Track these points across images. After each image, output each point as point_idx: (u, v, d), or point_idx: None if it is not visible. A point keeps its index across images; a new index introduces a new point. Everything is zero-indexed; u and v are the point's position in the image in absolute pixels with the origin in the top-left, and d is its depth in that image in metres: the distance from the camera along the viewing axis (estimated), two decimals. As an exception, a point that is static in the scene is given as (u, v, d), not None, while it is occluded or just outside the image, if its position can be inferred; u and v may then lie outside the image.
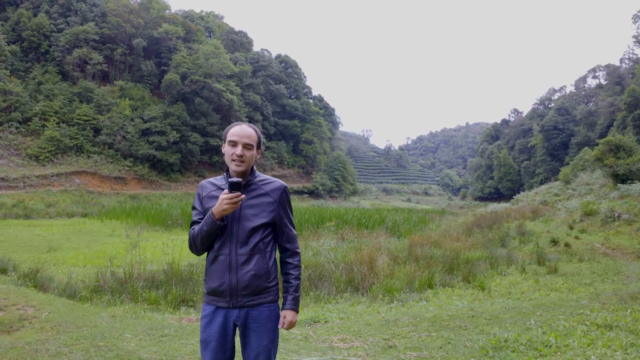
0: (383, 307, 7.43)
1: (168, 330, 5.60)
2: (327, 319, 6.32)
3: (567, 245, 14.38)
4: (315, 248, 11.96)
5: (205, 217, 2.52)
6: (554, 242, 15.07)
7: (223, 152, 2.65)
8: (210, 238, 2.54)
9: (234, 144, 2.58)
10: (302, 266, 9.57)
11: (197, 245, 2.59)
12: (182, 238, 15.99)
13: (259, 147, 2.68)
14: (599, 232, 16.36)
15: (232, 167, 2.58)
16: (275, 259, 2.67)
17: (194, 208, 2.72)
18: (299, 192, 74.24)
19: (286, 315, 2.65)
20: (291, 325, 2.65)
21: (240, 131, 2.60)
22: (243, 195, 2.45)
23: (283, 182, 2.71)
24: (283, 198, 2.68)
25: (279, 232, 2.69)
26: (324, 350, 4.98)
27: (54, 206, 34.02)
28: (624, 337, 5.01)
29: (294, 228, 2.78)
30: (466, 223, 22.91)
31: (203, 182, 2.75)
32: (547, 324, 5.67)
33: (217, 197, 2.56)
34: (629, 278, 10.11)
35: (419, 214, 32.84)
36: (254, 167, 2.71)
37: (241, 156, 2.56)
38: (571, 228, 17.84)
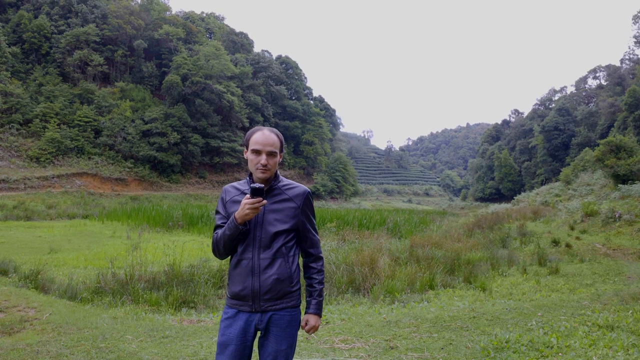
0: (384, 308, 7.42)
1: (169, 332, 5.60)
2: (329, 320, 6.32)
3: (568, 245, 14.37)
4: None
5: (228, 221, 2.52)
6: (555, 242, 15.05)
7: (245, 157, 2.64)
8: (232, 242, 2.54)
9: (257, 152, 2.57)
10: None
11: (220, 249, 2.59)
12: (183, 239, 15.98)
13: (282, 150, 2.66)
14: (600, 232, 16.35)
15: (257, 174, 2.57)
16: (298, 263, 2.66)
17: (217, 212, 2.71)
18: (300, 193, 74.11)
19: (309, 319, 2.67)
20: (314, 329, 2.67)
21: (264, 139, 2.57)
22: (265, 201, 2.44)
23: (307, 188, 2.71)
24: (306, 204, 2.67)
25: (302, 237, 2.69)
26: (326, 351, 4.98)
27: (55, 208, 34.04)
28: (626, 337, 5.01)
29: (317, 233, 2.77)
30: (467, 224, 22.88)
31: (226, 186, 2.75)
32: (549, 325, 5.67)
33: (239, 202, 2.56)
34: (630, 278, 10.10)
35: (420, 215, 32.81)
36: (277, 171, 2.69)
37: (265, 165, 2.55)
38: (572, 229, 17.83)
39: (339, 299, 8.41)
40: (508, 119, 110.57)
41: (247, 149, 2.63)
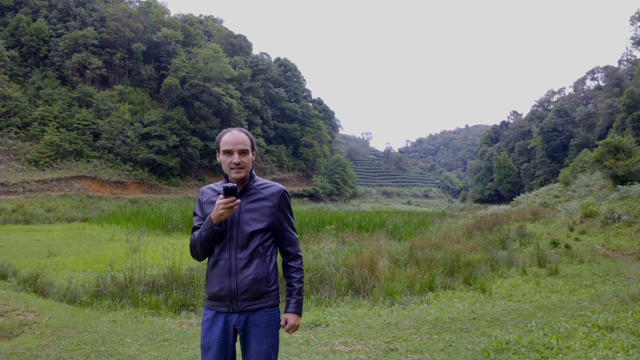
0: (384, 310, 7.42)
1: (169, 335, 5.60)
2: (329, 323, 6.32)
3: (567, 246, 14.38)
4: (316, 251, 11.95)
5: (204, 222, 2.53)
6: (555, 243, 15.06)
7: (219, 160, 2.66)
8: (209, 243, 2.55)
9: (229, 152, 2.58)
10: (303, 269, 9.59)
11: (197, 250, 2.59)
12: (182, 242, 15.97)
13: (253, 149, 2.68)
14: (599, 233, 16.36)
15: (232, 174, 2.59)
16: (275, 263, 2.66)
17: (195, 214, 2.72)
18: (299, 196, 74.22)
19: (288, 318, 2.65)
20: (294, 328, 2.65)
21: (233, 138, 2.60)
22: (238, 200, 2.46)
23: (282, 186, 2.71)
24: (282, 202, 2.67)
25: (279, 236, 2.68)
26: (326, 353, 4.97)
27: (54, 211, 34.01)
28: (626, 338, 5.00)
29: (295, 232, 2.77)
30: (466, 225, 22.90)
31: (203, 188, 2.77)
32: (549, 326, 5.66)
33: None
34: (629, 279, 10.11)
35: (419, 217, 32.80)
36: (253, 171, 2.71)
37: (239, 163, 2.57)
38: (571, 230, 17.84)
39: (339, 301, 8.40)
40: (507, 120, 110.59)
41: (218, 152, 2.65)
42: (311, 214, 28.68)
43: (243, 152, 2.59)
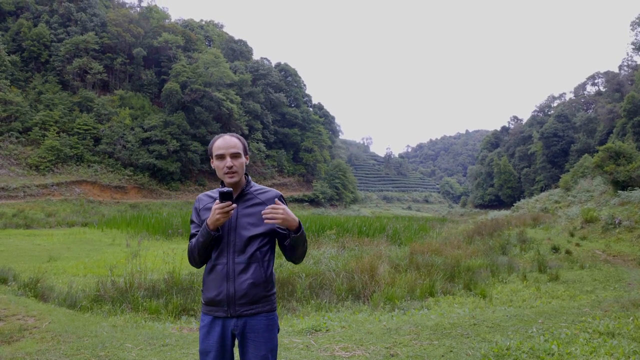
0: (384, 315, 7.41)
1: (169, 340, 5.59)
2: (329, 328, 6.30)
3: (568, 252, 14.36)
4: (316, 256, 11.93)
5: (201, 228, 2.54)
6: (555, 249, 15.05)
7: (213, 167, 2.68)
8: (207, 249, 2.56)
9: (221, 157, 2.62)
10: (304, 274, 9.59)
11: (195, 257, 2.60)
12: (182, 247, 15.96)
13: (246, 153, 2.71)
14: (599, 239, 16.33)
15: (226, 179, 2.61)
16: (273, 268, 2.66)
17: (192, 222, 2.74)
18: (300, 201, 74.21)
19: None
20: (282, 211, 2.45)
21: (224, 143, 2.64)
22: (234, 205, 2.47)
23: (278, 191, 2.72)
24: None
25: (280, 236, 2.67)
26: (326, 359, 4.96)
27: (54, 215, 34.02)
28: (627, 344, 4.99)
29: None
30: (467, 231, 22.87)
31: (200, 195, 2.78)
32: (549, 332, 5.65)
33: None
34: (630, 285, 10.09)
35: (420, 222, 32.79)
36: (249, 177, 2.74)
37: (231, 167, 2.59)
38: (572, 235, 17.81)
39: (339, 307, 8.39)
40: (507, 125, 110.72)
41: (212, 158, 2.68)
42: (311, 219, 28.65)
43: (235, 156, 2.62)
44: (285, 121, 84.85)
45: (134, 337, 5.69)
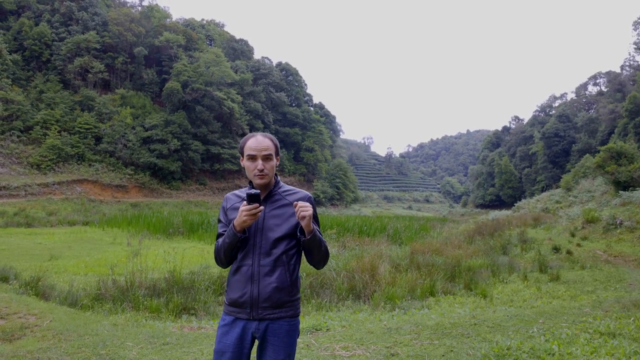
0: (385, 315, 7.41)
1: (170, 339, 5.59)
2: (329, 327, 6.30)
3: (569, 252, 14.35)
4: (317, 256, 11.91)
5: (228, 229, 2.50)
6: (556, 249, 15.03)
7: (243, 165, 2.62)
8: (233, 250, 2.52)
9: (253, 158, 2.56)
10: (304, 273, 9.59)
11: (222, 257, 2.56)
12: (183, 246, 15.97)
13: (277, 154, 2.65)
14: (600, 239, 16.31)
15: (256, 181, 2.56)
16: (298, 273, 2.62)
17: (219, 221, 2.69)
18: (300, 200, 74.11)
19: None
20: (306, 211, 2.41)
21: (257, 144, 2.57)
22: (261, 207, 2.41)
23: (308, 193, 2.67)
24: None
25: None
26: (326, 358, 4.96)
27: (55, 214, 33.99)
28: (628, 345, 4.99)
29: (322, 237, 2.65)
30: (467, 230, 22.86)
31: (228, 194, 2.73)
32: (550, 332, 5.65)
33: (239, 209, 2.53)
34: (631, 285, 10.08)
35: (420, 222, 32.79)
36: (278, 177, 2.68)
37: (262, 170, 2.54)
38: (573, 235, 17.79)
39: (340, 306, 8.39)
40: (508, 125, 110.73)
41: (242, 157, 2.62)
42: (312, 218, 28.59)
43: (267, 158, 2.56)
44: (286, 121, 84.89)
45: (134, 336, 5.70)
